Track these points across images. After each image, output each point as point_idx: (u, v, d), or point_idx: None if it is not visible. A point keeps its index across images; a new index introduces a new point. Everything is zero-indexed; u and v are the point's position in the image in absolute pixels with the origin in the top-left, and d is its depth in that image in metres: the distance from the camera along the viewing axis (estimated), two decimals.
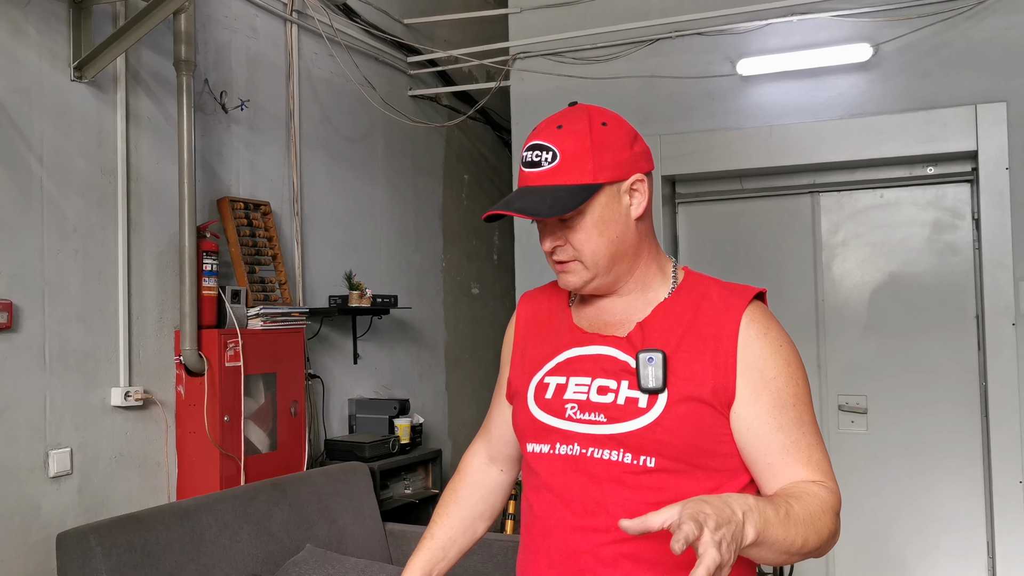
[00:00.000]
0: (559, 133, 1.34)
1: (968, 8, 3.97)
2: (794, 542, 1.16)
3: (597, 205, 1.33)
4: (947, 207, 4.25)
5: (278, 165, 3.98)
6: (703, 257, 4.62)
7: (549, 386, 1.38)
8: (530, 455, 1.39)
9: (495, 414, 1.58)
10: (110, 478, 3.08)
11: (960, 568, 4.15)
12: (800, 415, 1.29)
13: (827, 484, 1.27)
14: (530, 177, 1.34)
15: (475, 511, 1.58)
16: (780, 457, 1.27)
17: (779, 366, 1.29)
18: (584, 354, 1.37)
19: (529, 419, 1.38)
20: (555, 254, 1.37)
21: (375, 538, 3.65)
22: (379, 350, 4.69)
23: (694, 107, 4.44)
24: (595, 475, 1.29)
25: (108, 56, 2.98)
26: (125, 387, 3.11)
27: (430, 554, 1.53)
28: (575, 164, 1.31)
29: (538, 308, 1.51)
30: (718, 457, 1.29)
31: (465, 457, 1.63)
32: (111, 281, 3.11)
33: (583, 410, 1.32)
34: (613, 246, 1.35)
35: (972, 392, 4.15)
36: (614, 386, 1.31)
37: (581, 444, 1.31)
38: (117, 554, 2.63)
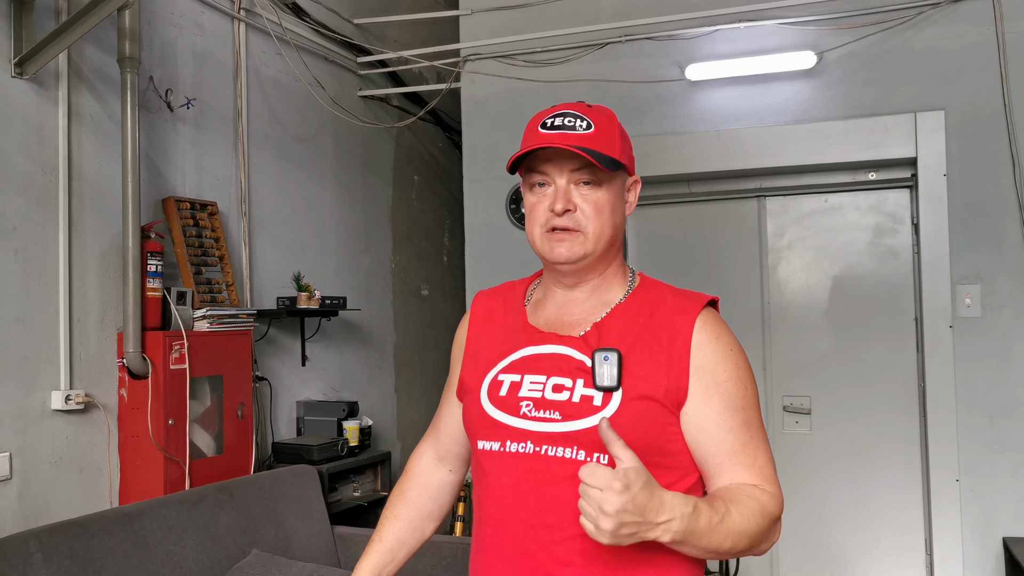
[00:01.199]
0: (590, 110, 1.38)
1: (909, 18, 4.08)
2: (721, 545, 1.23)
3: (617, 184, 1.39)
4: (888, 212, 4.34)
5: (225, 164, 3.93)
6: (652, 260, 4.67)
7: (503, 383, 1.38)
8: (481, 452, 1.39)
9: (444, 413, 1.58)
10: (50, 483, 3.01)
11: (899, 564, 4.25)
12: (748, 418, 1.32)
13: (769, 489, 1.30)
14: (560, 138, 1.34)
15: (423, 512, 1.58)
16: (727, 459, 1.30)
17: (730, 370, 1.32)
18: (539, 353, 1.38)
19: (481, 416, 1.38)
20: (564, 218, 1.36)
21: (323, 542, 3.62)
22: (328, 352, 4.65)
23: (643, 111, 4.48)
24: (549, 473, 1.30)
25: (50, 52, 2.92)
26: (66, 390, 3.04)
27: (378, 557, 1.52)
28: (607, 138, 1.36)
29: (492, 307, 1.51)
30: (669, 455, 1.31)
31: (413, 457, 1.63)
32: (51, 281, 3.04)
33: (538, 408, 1.33)
34: (612, 229, 1.39)
35: (911, 393, 4.26)
36: (569, 384, 1.32)
37: (534, 442, 1.32)
38: (58, 560, 2.57)
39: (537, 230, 1.38)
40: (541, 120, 1.37)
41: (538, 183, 1.38)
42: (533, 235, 1.39)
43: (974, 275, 4.00)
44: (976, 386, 3.98)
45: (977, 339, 3.98)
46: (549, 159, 1.34)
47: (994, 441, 3.95)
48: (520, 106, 4.67)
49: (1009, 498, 3.93)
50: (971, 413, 3.98)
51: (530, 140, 1.36)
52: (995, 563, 3.94)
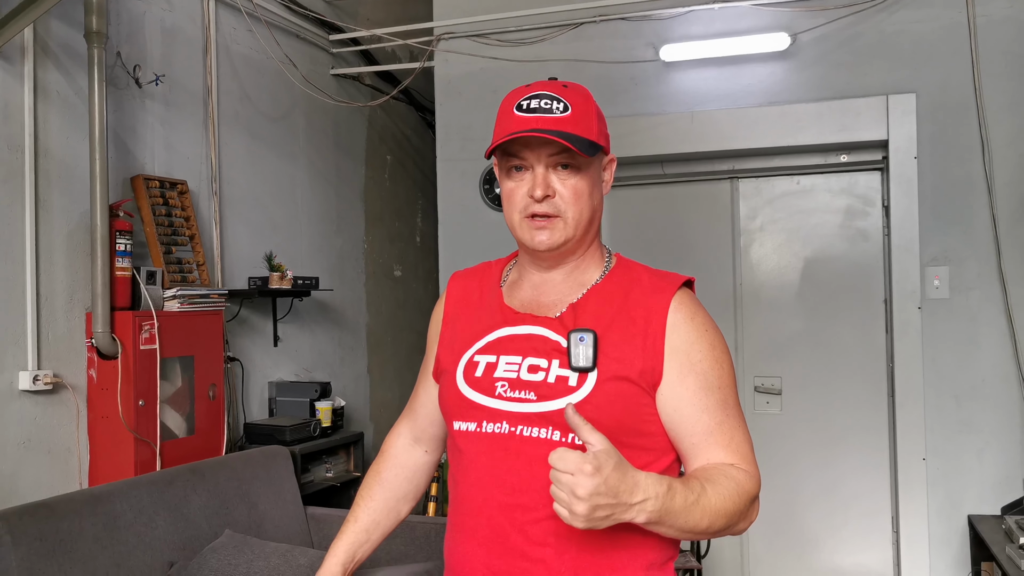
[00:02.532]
0: (566, 91, 1.36)
1: (881, 1, 4.09)
2: (698, 524, 1.22)
3: (594, 166, 1.37)
4: (859, 194, 4.38)
5: (195, 143, 3.88)
6: (625, 241, 4.67)
7: (479, 364, 1.38)
8: (457, 433, 1.39)
9: (420, 393, 1.57)
10: (18, 465, 2.97)
11: (866, 543, 4.31)
12: (724, 398, 1.32)
13: (745, 468, 1.31)
14: (537, 121, 1.32)
15: (399, 492, 1.57)
16: (703, 438, 1.30)
17: (705, 350, 1.32)
18: (515, 333, 1.37)
19: (457, 396, 1.38)
20: (543, 204, 1.34)
21: (296, 522, 3.61)
22: (300, 332, 4.62)
23: (617, 92, 4.47)
24: (524, 453, 1.29)
25: (15, 27, 2.85)
26: (34, 371, 3.01)
27: (354, 536, 1.52)
28: (584, 120, 1.34)
29: (468, 288, 1.51)
30: (645, 436, 1.31)
31: (388, 438, 1.62)
32: (18, 261, 2.99)
33: (513, 388, 1.32)
34: (590, 212, 1.38)
35: (880, 374, 4.30)
36: (545, 365, 1.32)
37: (510, 422, 1.31)
38: (27, 543, 2.54)
39: (516, 216, 1.37)
40: (516, 102, 1.35)
41: (515, 167, 1.36)
42: (512, 221, 1.37)
43: (943, 257, 4.04)
44: (943, 367, 4.03)
45: (945, 321, 4.03)
46: (527, 144, 1.33)
47: (960, 421, 4.01)
48: (494, 86, 4.64)
49: (974, 477, 4.00)
50: (938, 394, 4.04)
51: (506, 123, 1.34)
52: (960, 541, 4.01)
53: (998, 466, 3.97)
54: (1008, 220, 3.95)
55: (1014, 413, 3.95)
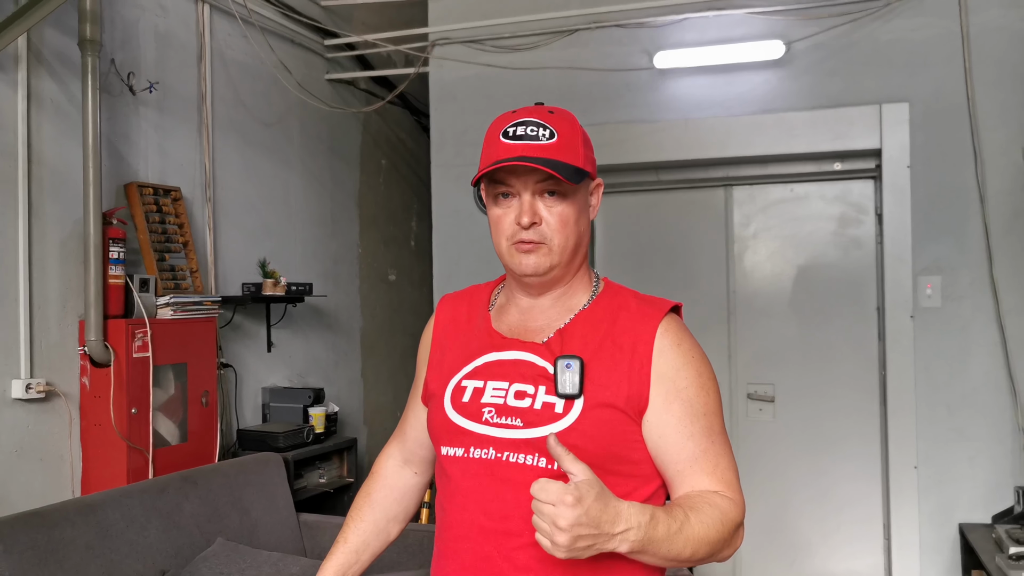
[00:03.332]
0: (552, 116, 1.36)
1: (875, 10, 4.10)
2: (681, 553, 1.23)
3: (581, 192, 1.36)
4: (852, 202, 4.39)
5: (189, 149, 3.88)
6: (619, 248, 4.68)
7: (467, 389, 1.38)
8: (444, 458, 1.39)
9: (410, 416, 1.58)
10: (10, 473, 2.97)
11: (858, 549, 4.32)
12: (710, 424, 1.33)
13: (730, 496, 1.31)
14: (523, 148, 1.32)
15: (389, 514, 1.58)
16: (688, 466, 1.31)
17: (691, 376, 1.32)
18: (503, 359, 1.38)
19: (445, 422, 1.38)
20: (529, 231, 1.35)
21: (289, 529, 3.62)
22: (294, 338, 4.63)
23: (612, 98, 4.48)
24: (510, 479, 1.30)
25: (9, 36, 2.85)
26: (26, 379, 3.01)
27: (343, 557, 1.53)
28: (570, 147, 1.34)
29: (457, 312, 1.51)
30: (631, 463, 1.32)
31: (379, 459, 1.63)
32: (11, 269, 2.99)
33: (500, 414, 1.33)
34: (577, 238, 1.38)
35: (872, 381, 4.32)
36: (531, 391, 1.32)
37: (496, 448, 1.32)
38: (19, 551, 2.55)
39: (504, 243, 1.37)
40: (503, 128, 1.35)
41: (502, 194, 1.37)
42: (500, 247, 1.38)
43: (935, 266, 4.06)
44: (935, 375, 4.05)
45: (937, 329, 4.05)
46: (513, 171, 1.33)
47: (952, 430, 4.02)
48: (488, 91, 4.65)
49: (966, 485, 4.01)
50: (930, 402, 4.05)
51: (492, 150, 1.34)
52: (951, 549, 4.02)
53: (989, 474, 3.98)
54: (1000, 229, 3.96)
55: (1005, 422, 3.96)
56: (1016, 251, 3.94)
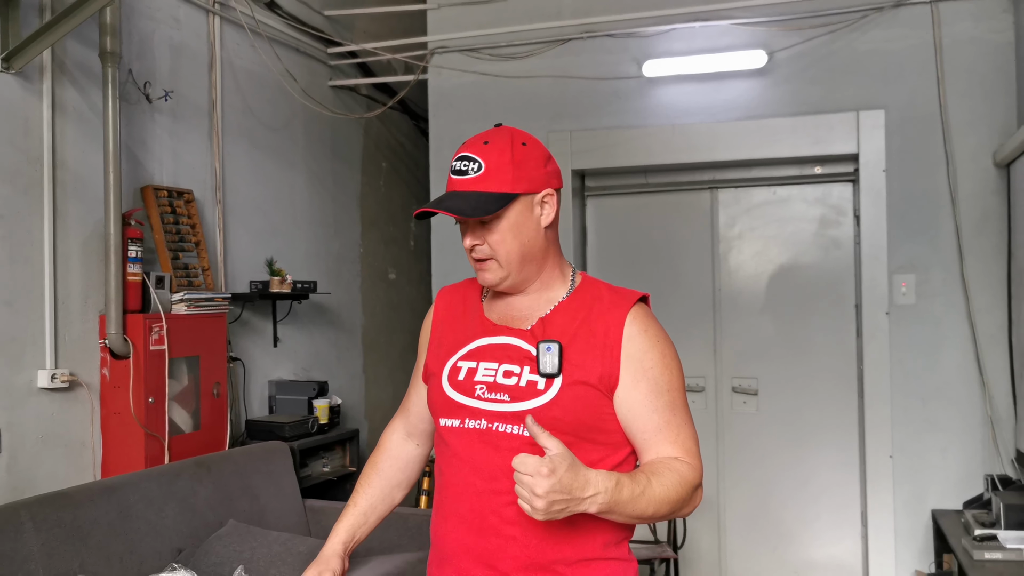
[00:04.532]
0: (485, 148, 1.55)
1: (853, 21, 4.31)
2: (644, 512, 1.44)
3: (513, 212, 1.55)
4: (832, 204, 4.60)
5: (201, 153, 4.09)
6: (609, 247, 4.89)
7: (462, 369, 1.59)
8: (443, 428, 1.60)
9: (412, 394, 1.79)
10: (37, 457, 3.18)
11: (837, 535, 4.53)
12: (672, 400, 1.54)
13: (689, 461, 1.52)
14: (458, 183, 1.55)
15: (394, 481, 1.79)
16: (653, 435, 1.52)
17: (655, 358, 1.53)
18: (493, 343, 1.59)
19: (443, 397, 1.59)
20: (474, 252, 1.58)
21: (295, 514, 3.82)
22: (298, 334, 4.83)
23: (602, 105, 4.69)
24: (499, 446, 1.51)
25: (36, 48, 3.06)
26: (51, 369, 3.21)
27: (353, 519, 1.73)
28: (497, 175, 1.53)
29: (453, 301, 1.72)
30: (603, 432, 1.52)
31: (385, 433, 1.84)
32: (37, 266, 3.20)
33: (490, 391, 1.54)
34: (524, 249, 1.57)
35: (850, 375, 4.53)
36: (518, 371, 1.53)
37: (487, 420, 1.53)
38: (47, 529, 2.75)
39: (470, 260, 1.61)
40: (452, 161, 1.57)
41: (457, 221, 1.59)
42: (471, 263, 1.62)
43: (910, 265, 4.27)
44: (910, 369, 4.26)
45: (911, 325, 4.26)
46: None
47: (925, 420, 4.24)
48: (485, 98, 4.86)
49: (938, 474, 4.22)
50: (905, 394, 4.26)
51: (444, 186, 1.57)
52: (924, 534, 4.23)
53: (960, 463, 4.20)
54: (971, 230, 4.17)
55: (976, 413, 4.17)
56: (986, 251, 4.16)
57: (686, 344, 4.56)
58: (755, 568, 4.66)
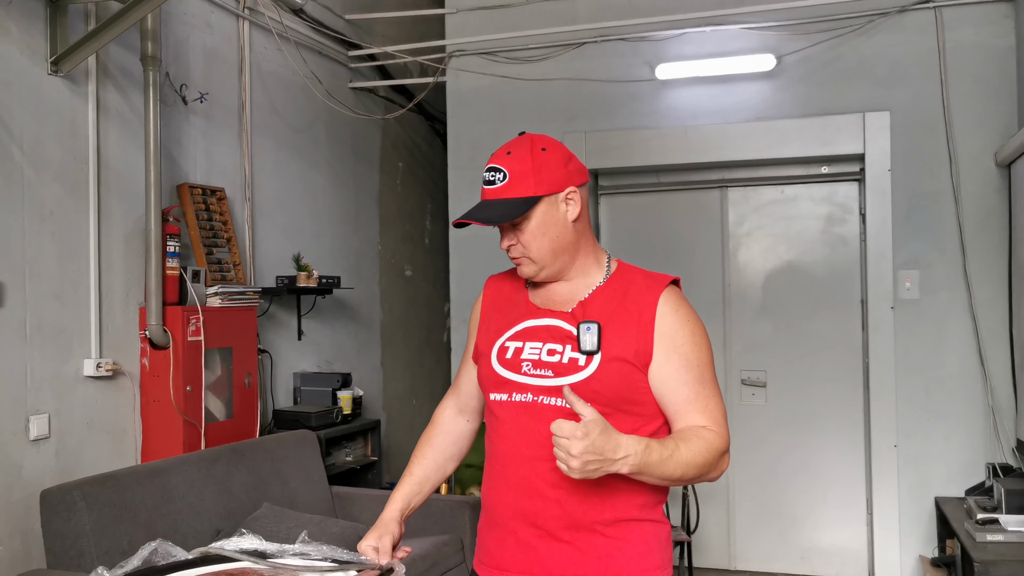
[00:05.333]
0: (508, 158, 1.72)
1: (859, 26, 4.47)
2: (673, 473, 1.59)
3: (538, 213, 1.72)
4: (838, 203, 4.76)
5: (231, 153, 4.25)
6: (623, 244, 5.05)
7: (509, 349, 1.75)
8: (492, 403, 1.76)
9: (463, 374, 1.94)
10: (83, 442, 3.34)
11: (843, 520, 4.69)
12: (702, 374, 1.69)
13: (716, 429, 1.67)
14: (487, 192, 1.73)
15: (446, 454, 1.94)
16: (684, 406, 1.68)
17: (686, 336, 1.69)
18: (537, 324, 1.75)
19: (492, 374, 1.75)
20: (510, 252, 1.76)
21: (323, 499, 3.98)
22: (321, 327, 4.99)
23: (616, 107, 4.85)
24: (543, 417, 1.66)
25: (84, 52, 3.22)
26: (96, 359, 3.37)
27: (409, 488, 1.89)
28: (520, 182, 1.70)
29: (500, 288, 1.88)
30: (638, 404, 1.68)
31: (437, 410, 2.00)
32: (83, 261, 3.36)
33: (536, 367, 1.70)
34: (554, 244, 1.73)
35: (856, 368, 4.68)
36: (560, 349, 1.69)
37: (533, 393, 1.69)
38: (98, 508, 2.92)
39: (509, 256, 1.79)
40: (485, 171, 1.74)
41: None
42: None
43: (914, 261, 4.42)
44: (914, 361, 4.41)
45: (916, 319, 4.41)
46: None
47: (928, 410, 4.39)
48: (501, 100, 5.02)
49: (941, 462, 4.38)
50: (909, 385, 4.42)
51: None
52: (928, 520, 4.39)
53: (963, 452, 4.35)
54: (973, 228, 4.33)
55: (978, 403, 4.33)
56: (987, 248, 4.31)
57: None
58: (763, 552, 4.82)
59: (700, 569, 4.78)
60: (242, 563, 1.79)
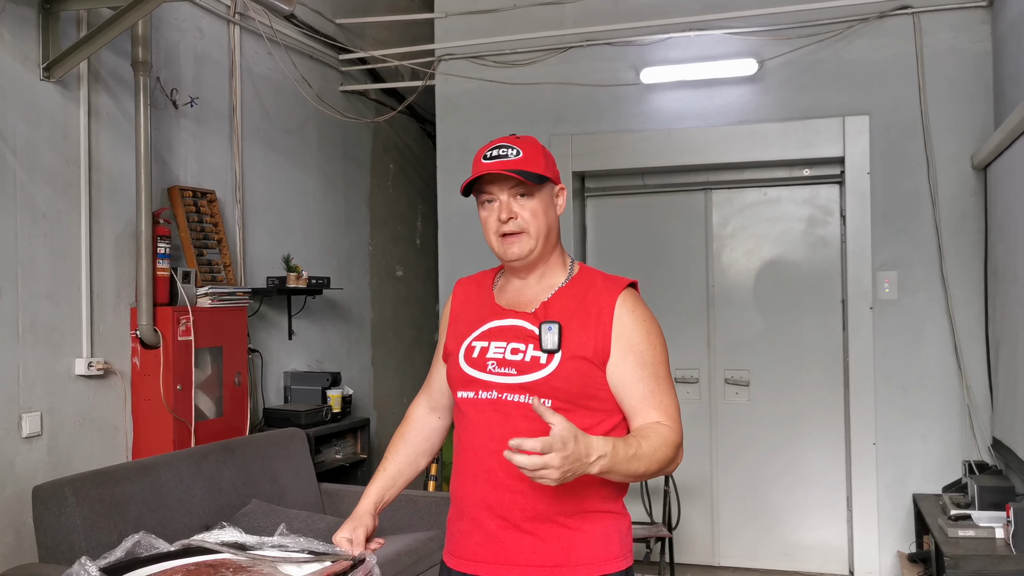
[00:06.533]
0: (519, 140, 1.82)
1: (840, 32, 4.55)
2: (636, 470, 1.66)
3: (545, 193, 1.83)
4: (820, 205, 4.84)
5: (222, 156, 4.33)
6: (608, 246, 5.13)
7: (475, 348, 1.83)
8: (460, 400, 1.84)
9: (434, 373, 2.02)
10: (74, 439, 3.42)
11: (824, 518, 4.77)
12: (656, 372, 1.77)
13: (669, 425, 1.75)
14: (497, 165, 1.78)
15: (419, 449, 2.02)
16: (639, 402, 1.76)
17: (641, 335, 1.77)
18: (502, 325, 1.83)
19: (460, 372, 1.83)
20: (508, 224, 1.80)
21: (311, 496, 4.06)
22: (312, 327, 5.07)
23: (602, 110, 4.93)
24: (508, 413, 1.75)
25: (75, 59, 3.30)
26: (87, 358, 3.45)
27: (383, 482, 1.97)
28: (533, 160, 1.80)
29: (468, 291, 1.97)
30: (597, 400, 1.76)
31: (410, 408, 2.08)
32: (75, 262, 3.44)
33: (500, 366, 1.78)
34: (548, 228, 1.83)
35: (837, 367, 4.77)
36: (523, 348, 1.77)
37: (498, 391, 1.77)
38: (89, 504, 2.99)
39: (492, 237, 1.83)
40: (483, 153, 1.81)
41: (487, 200, 1.83)
42: (490, 241, 1.84)
43: (892, 263, 4.50)
44: (892, 361, 4.50)
45: (894, 319, 4.50)
46: (492, 181, 1.80)
47: (907, 409, 4.47)
48: (490, 103, 5.10)
49: (919, 460, 4.46)
50: (888, 385, 4.50)
51: (476, 168, 1.81)
52: (906, 516, 4.47)
53: (940, 449, 4.43)
54: (950, 230, 4.41)
55: (954, 402, 4.41)
56: (964, 249, 4.40)
57: (681, 338, 4.81)
58: (746, 549, 4.90)
59: (684, 565, 4.86)
60: (223, 555, 1.87)
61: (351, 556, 1.83)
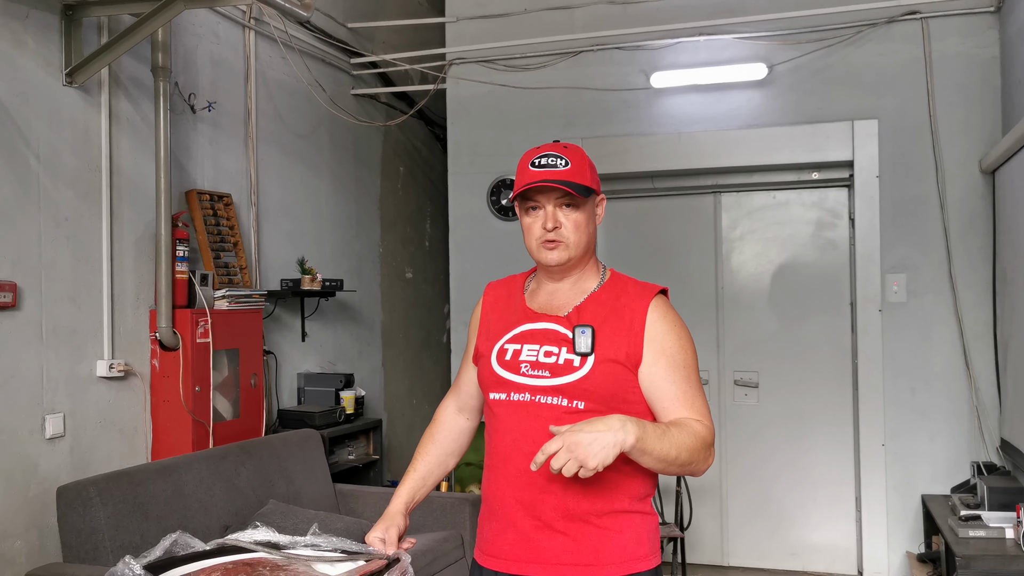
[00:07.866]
0: (566, 150, 1.86)
1: (848, 36, 4.59)
2: (669, 453, 1.68)
3: (589, 204, 1.88)
4: (828, 208, 4.88)
5: (237, 159, 4.37)
6: (619, 248, 5.17)
7: (508, 351, 1.87)
8: (492, 401, 1.88)
9: (463, 375, 2.07)
10: (96, 440, 3.46)
11: (833, 517, 4.82)
12: (687, 375, 1.81)
13: (703, 422, 1.79)
14: (547, 174, 1.82)
15: (448, 449, 2.06)
16: (671, 403, 1.80)
17: (673, 339, 1.81)
18: (535, 328, 1.87)
19: (492, 374, 1.87)
20: (552, 233, 1.84)
21: (327, 496, 4.10)
22: (324, 329, 5.11)
23: (612, 114, 4.97)
24: (541, 415, 1.78)
25: (97, 64, 3.34)
26: (108, 360, 3.49)
27: (413, 483, 2.01)
28: (580, 171, 1.84)
29: (499, 294, 2.01)
30: (629, 403, 1.80)
31: (439, 409, 2.12)
32: (96, 265, 3.48)
33: (533, 368, 1.82)
34: (587, 238, 1.87)
35: (845, 368, 4.81)
36: (556, 351, 1.81)
37: (531, 393, 1.81)
38: (113, 504, 3.03)
39: (534, 243, 1.87)
40: (531, 159, 1.85)
41: (532, 207, 1.86)
42: (531, 246, 1.87)
43: (901, 265, 4.55)
44: (901, 362, 4.54)
45: (902, 321, 4.54)
46: (540, 190, 1.83)
47: (915, 410, 4.52)
48: (500, 107, 5.14)
49: (927, 460, 4.50)
50: (896, 386, 4.54)
51: (524, 175, 1.84)
52: (914, 517, 4.51)
53: (949, 450, 4.48)
54: (958, 233, 4.45)
55: (963, 403, 4.45)
56: (972, 252, 4.44)
57: None
58: (755, 549, 4.94)
59: (694, 565, 4.90)
60: (258, 553, 1.91)
61: (385, 555, 1.87)
